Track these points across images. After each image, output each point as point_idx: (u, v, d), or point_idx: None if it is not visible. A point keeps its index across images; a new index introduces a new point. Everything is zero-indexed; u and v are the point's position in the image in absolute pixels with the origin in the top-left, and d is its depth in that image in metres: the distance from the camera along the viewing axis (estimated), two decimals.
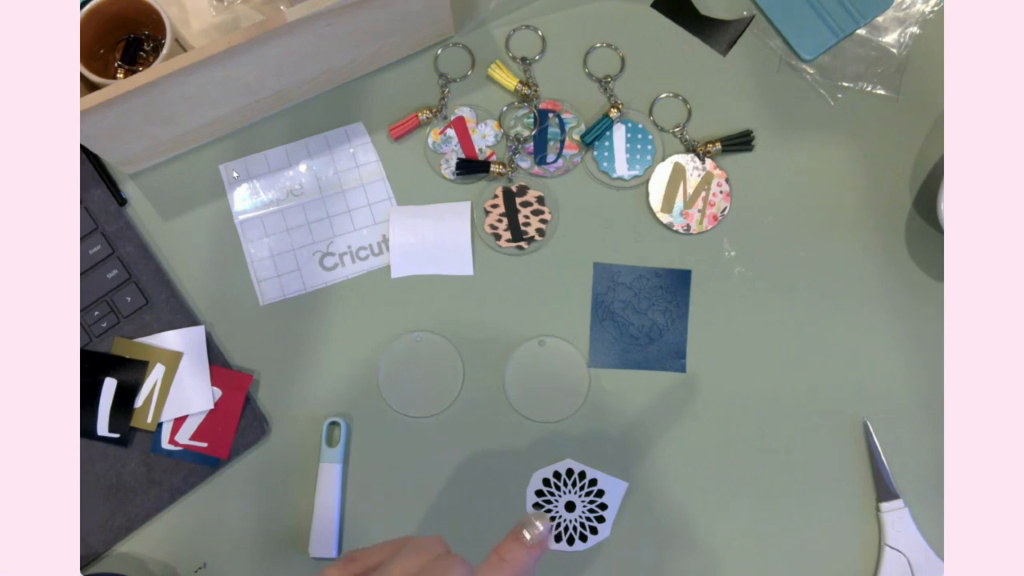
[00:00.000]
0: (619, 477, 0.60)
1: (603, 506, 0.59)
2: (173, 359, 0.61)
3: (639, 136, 0.65)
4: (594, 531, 0.59)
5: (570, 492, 0.60)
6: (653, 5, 0.67)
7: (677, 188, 0.64)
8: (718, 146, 0.64)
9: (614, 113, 0.64)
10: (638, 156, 0.64)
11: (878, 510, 0.59)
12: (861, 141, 0.65)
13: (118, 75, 0.62)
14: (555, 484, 0.60)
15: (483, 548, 0.58)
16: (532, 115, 0.65)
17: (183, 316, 0.62)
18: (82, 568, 0.59)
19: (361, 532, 0.60)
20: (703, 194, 0.64)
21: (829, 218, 0.64)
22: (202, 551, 0.60)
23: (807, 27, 0.65)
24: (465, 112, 0.65)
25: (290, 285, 0.63)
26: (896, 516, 0.59)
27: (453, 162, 0.64)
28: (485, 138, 0.65)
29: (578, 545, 0.59)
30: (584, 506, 0.59)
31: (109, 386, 0.60)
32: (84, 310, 0.62)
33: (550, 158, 0.65)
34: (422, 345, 0.62)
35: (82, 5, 0.59)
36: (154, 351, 0.61)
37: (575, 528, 0.59)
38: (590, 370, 0.61)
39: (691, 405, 0.61)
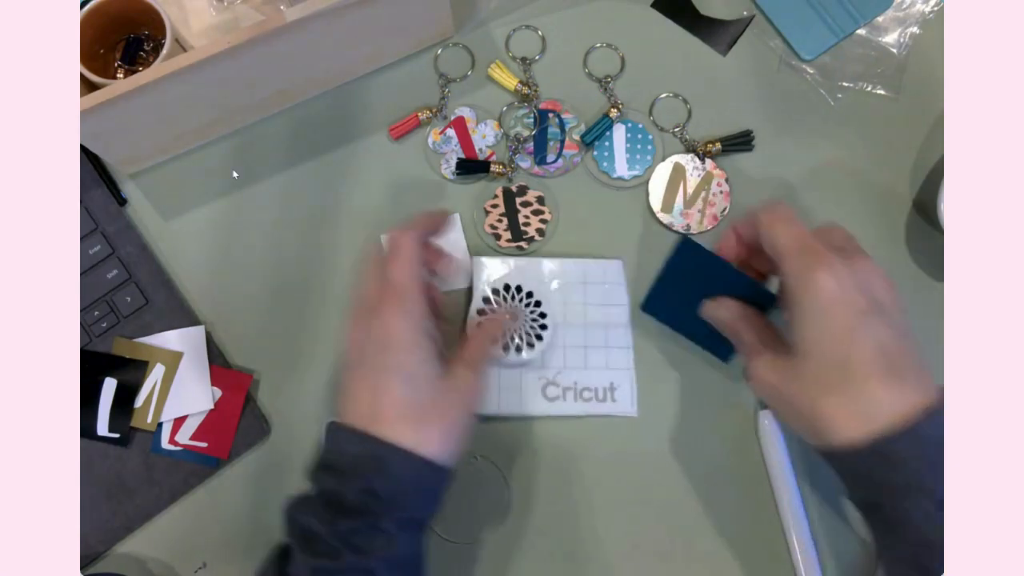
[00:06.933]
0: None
1: (543, 315, 0.60)
2: (173, 359, 0.61)
3: (639, 136, 0.65)
4: (539, 337, 0.60)
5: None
6: (653, 5, 0.67)
7: (677, 188, 0.64)
8: (718, 146, 0.64)
9: (614, 113, 0.64)
10: (638, 156, 0.64)
11: None
12: (861, 141, 0.65)
13: (118, 75, 0.62)
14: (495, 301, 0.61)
15: (478, 541, 0.59)
16: (532, 115, 0.65)
17: (183, 316, 0.62)
18: (82, 568, 0.58)
19: None
20: (703, 194, 0.64)
21: (829, 218, 0.64)
22: (202, 551, 0.60)
23: (807, 27, 0.65)
24: (465, 112, 0.65)
25: (507, 402, 0.60)
26: None
27: (453, 162, 0.64)
28: (485, 138, 0.65)
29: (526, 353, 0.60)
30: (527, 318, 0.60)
31: (109, 386, 0.60)
32: (84, 310, 0.62)
33: (550, 158, 0.65)
34: None
35: (82, 5, 0.59)
36: (154, 351, 0.61)
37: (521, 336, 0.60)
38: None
39: (691, 404, 0.61)
